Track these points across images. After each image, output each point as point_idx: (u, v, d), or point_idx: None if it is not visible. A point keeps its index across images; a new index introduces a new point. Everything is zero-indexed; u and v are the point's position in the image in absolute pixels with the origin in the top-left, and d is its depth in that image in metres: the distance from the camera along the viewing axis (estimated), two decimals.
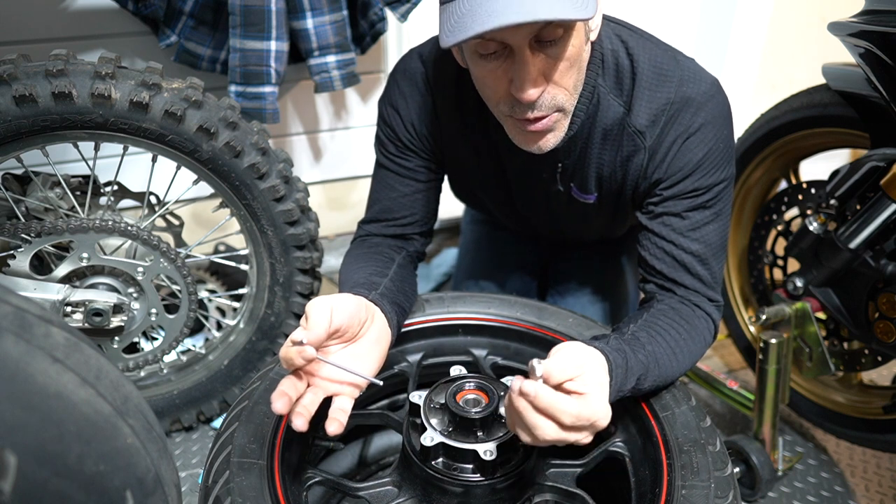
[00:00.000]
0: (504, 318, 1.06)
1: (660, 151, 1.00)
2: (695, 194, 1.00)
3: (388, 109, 1.11)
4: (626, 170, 1.05)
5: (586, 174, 1.09)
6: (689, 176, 1.00)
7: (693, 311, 1.00)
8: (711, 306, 1.02)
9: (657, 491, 0.79)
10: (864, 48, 1.07)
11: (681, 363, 0.93)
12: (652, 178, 1.02)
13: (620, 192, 1.09)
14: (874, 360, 1.21)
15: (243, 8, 1.41)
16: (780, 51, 2.31)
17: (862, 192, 1.15)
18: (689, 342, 0.96)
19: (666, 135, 0.99)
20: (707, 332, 1.00)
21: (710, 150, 0.99)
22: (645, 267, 1.05)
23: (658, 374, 0.89)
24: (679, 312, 0.98)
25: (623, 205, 1.12)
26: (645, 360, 0.87)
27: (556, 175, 1.11)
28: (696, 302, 1.01)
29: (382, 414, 0.94)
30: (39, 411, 0.48)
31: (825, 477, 1.35)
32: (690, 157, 0.99)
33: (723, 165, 1.01)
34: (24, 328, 0.49)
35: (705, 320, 1.00)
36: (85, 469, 0.50)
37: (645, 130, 1.00)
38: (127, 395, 0.57)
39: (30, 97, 1.05)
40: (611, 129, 1.02)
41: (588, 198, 1.12)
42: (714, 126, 0.99)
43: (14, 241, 1.18)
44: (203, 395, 1.37)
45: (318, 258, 1.35)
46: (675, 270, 1.02)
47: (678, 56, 1.00)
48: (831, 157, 1.38)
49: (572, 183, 1.12)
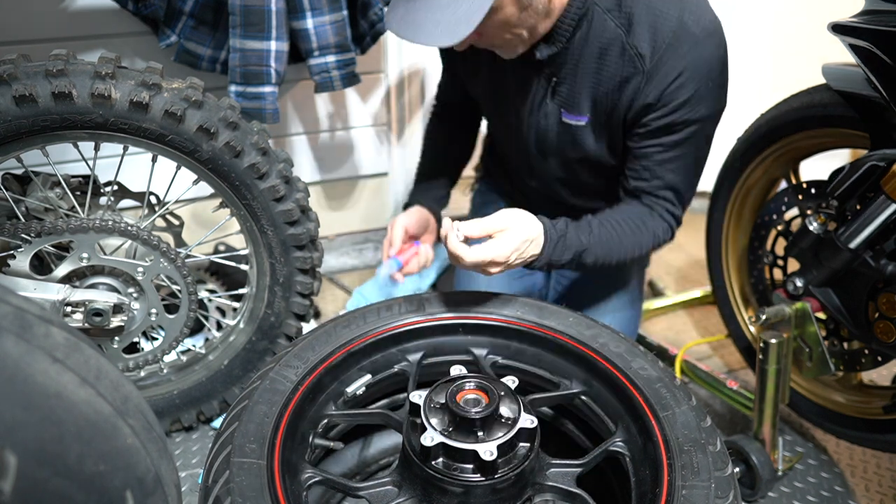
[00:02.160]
0: (504, 317, 1.06)
1: (656, 78, 1.07)
2: (682, 126, 1.09)
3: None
4: (622, 91, 1.11)
5: (579, 92, 1.16)
6: (680, 108, 1.08)
7: (650, 212, 1.19)
8: (671, 217, 1.20)
9: (657, 491, 0.78)
10: (864, 48, 1.07)
11: (626, 248, 1.15)
12: (645, 102, 1.09)
13: (612, 114, 1.16)
14: (874, 360, 1.21)
15: (243, 8, 1.41)
16: (781, 51, 2.31)
17: (862, 192, 1.15)
18: (636, 233, 1.16)
19: (664, 63, 1.06)
20: (660, 230, 1.19)
21: (702, 85, 1.06)
22: (623, 183, 1.22)
23: (601, 253, 1.12)
24: (636, 209, 1.19)
25: (612, 130, 1.19)
26: (587, 239, 1.10)
27: (548, 93, 1.19)
28: (657, 210, 1.18)
29: (382, 414, 0.94)
30: (39, 411, 0.48)
31: (825, 477, 1.35)
32: (685, 90, 1.06)
33: (714, 99, 1.10)
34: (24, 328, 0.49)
35: (661, 220, 1.19)
36: (85, 469, 0.50)
37: (646, 54, 1.07)
38: (127, 395, 0.57)
39: (30, 97, 1.05)
40: (608, 47, 1.10)
41: (580, 119, 1.19)
42: (710, 61, 1.06)
43: (14, 241, 1.18)
44: (203, 395, 1.37)
45: (318, 258, 1.35)
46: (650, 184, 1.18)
47: None
48: (831, 157, 1.38)
49: (563, 108, 1.20)
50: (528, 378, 1.04)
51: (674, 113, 1.09)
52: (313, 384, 0.92)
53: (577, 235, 1.11)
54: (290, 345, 1.00)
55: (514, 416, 0.83)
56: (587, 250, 1.12)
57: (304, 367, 0.94)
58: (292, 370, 0.93)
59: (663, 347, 1.61)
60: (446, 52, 1.42)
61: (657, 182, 1.17)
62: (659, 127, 1.11)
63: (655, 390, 0.90)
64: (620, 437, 0.90)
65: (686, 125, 1.10)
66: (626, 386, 0.92)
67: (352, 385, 0.99)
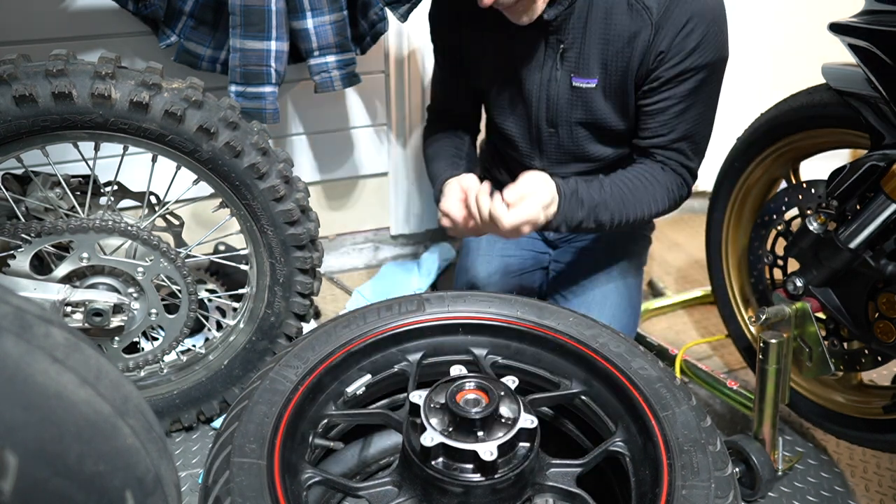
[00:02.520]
0: (504, 317, 1.06)
1: (665, 28, 1.13)
2: (693, 72, 1.15)
3: (429, 21, 1.43)
4: (633, 47, 1.16)
5: (588, 55, 1.21)
6: (691, 55, 1.14)
7: (662, 167, 1.23)
8: (685, 170, 1.24)
9: (657, 491, 0.78)
10: (863, 48, 1.07)
11: (641, 203, 1.20)
12: (657, 52, 1.15)
13: (624, 73, 1.20)
14: (874, 360, 1.21)
15: (243, 8, 1.41)
16: (780, 51, 2.31)
17: (862, 192, 1.15)
18: (649, 187, 1.21)
19: (672, 13, 1.12)
20: (674, 185, 1.22)
21: (709, 30, 1.13)
22: (637, 145, 1.26)
23: (615, 208, 1.17)
24: (647, 166, 1.23)
25: (623, 91, 1.22)
26: (599, 195, 1.16)
27: (558, 57, 1.23)
28: (672, 166, 1.22)
29: (382, 414, 0.94)
30: (39, 411, 0.48)
31: (825, 477, 1.35)
32: (693, 36, 1.13)
33: (721, 44, 1.17)
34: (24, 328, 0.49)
35: (674, 175, 1.22)
36: (85, 469, 0.50)
37: (652, 6, 1.12)
38: (127, 395, 0.57)
39: (30, 97, 1.05)
40: (613, 6, 1.15)
41: (590, 82, 1.23)
42: (714, 7, 1.14)
43: (14, 241, 1.18)
44: (203, 395, 1.37)
45: (318, 258, 1.35)
46: (661, 143, 1.22)
47: None
48: (831, 157, 1.38)
49: (573, 73, 1.24)
50: (528, 378, 1.04)
51: (685, 60, 1.14)
52: (313, 384, 0.92)
53: (589, 191, 1.17)
54: (290, 345, 1.00)
55: (514, 416, 0.83)
56: (600, 205, 1.17)
57: (304, 367, 0.94)
58: (292, 370, 0.93)
59: (663, 347, 1.61)
60: (449, 44, 1.40)
61: (671, 136, 1.22)
62: (671, 77, 1.17)
63: (655, 390, 0.90)
64: (620, 437, 0.90)
65: (697, 71, 1.16)
66: (626, 386, 0.92)
67: (352, 385, 0.99)
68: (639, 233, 1.58)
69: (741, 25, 2.23)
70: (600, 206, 1.18)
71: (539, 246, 1.59)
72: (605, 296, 1.45)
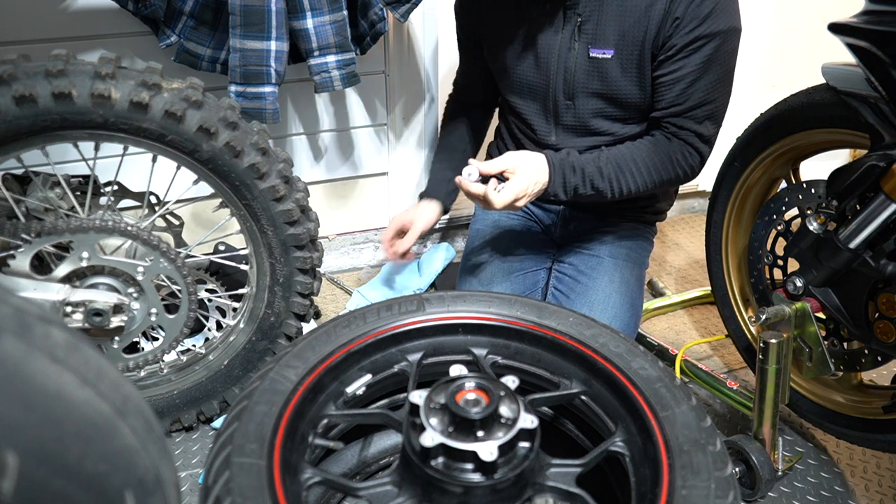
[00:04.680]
0: (504, 317, 1.06)
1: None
2: (707, 39, 1.21)
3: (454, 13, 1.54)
4: (649, 16, 1.23)
5: (605, 27, 1.27)
6: (705, 21, 1.20)
7: (668, 138, 1.28)
8: (695, 137, 1.28)
9: (657, 491, 0.78)
10: (864, 48, 1.07)
11: (641, 170, 1.26)
12: (673, 18, 1.21)
13: (641, 43, 1.26)
14: (874, 360, 1.21)
15: (243, 8, 1.41)
16: (780, 51, 2.31)
17: (862, 192, 1.15)
18: (652, 156, 1.27)
19: None
20: (679, 154, 1.27)
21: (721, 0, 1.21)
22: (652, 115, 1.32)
23: (613, 173, 1.24)
24: (653, 138, 1.30)
25: (640, 62, 1.28)
26: (594, 162, 1.24)
27: (576, 30, 1.29)
28: (682, 136, 1.27)
29: (382, 414, 0.94)
30: (39, 411, 0.48)
31: (825, 477, 1.35)
32: (706, 4, 1.20)
33: (733, 12, 1.24)
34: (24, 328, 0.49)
35: (681, 144, 1.27)
36: (85, 469, 0.50)
37: None
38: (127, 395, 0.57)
39: (30, 97, 1.05)
40: None
41: (606, 52, 1.28)
42: None
43: (14, 241, 1.18)
44: (203, 395, 1.37)
45: (318, 258, 1.35)
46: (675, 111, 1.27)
47: None
48: (831, 157, 1.38)
49: (590, 44, 1.30)
50: (528, 378, 1.04)
51: (699, 26, 1.20)
52: (313, 384, 0.92)
53: (581, 158, 1.26)
54: (290, 345, 1.00)
55: (514, 416, 0.83)
56: (594, 171, 1.26)
57: (304, 367, 0.94)
58: (292, 370, 0.93)
59: (663, 347, 1.61)
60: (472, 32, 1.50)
61: (685, 105, 1.27)
62: (685, 44, 1.22)
63: (655, 390, 0.90)
64: (620, 437, 0.90)
65: (710, 38, 1.22)
66: (626, 386, 0.92)
67: (352, 385, 0.99)
68: (642, 233, 1.58)
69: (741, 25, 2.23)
70: (594, 171, 1.26)
71: (542, 245, 1.59)
72: (608, 296, 1.45)
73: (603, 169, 1.27)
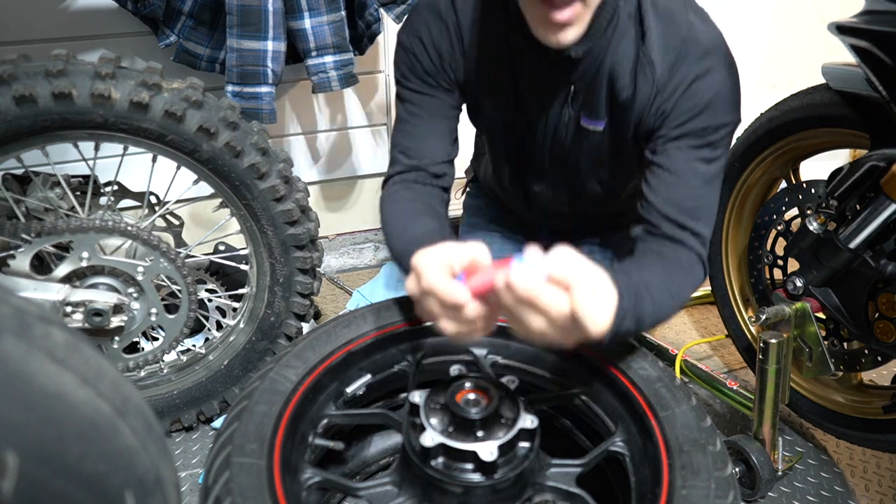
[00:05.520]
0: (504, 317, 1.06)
1: (668, 88, 1.04)
2: (701, 133, 1.04)
3: (411, 39, 1.12)
4: (636, 101, 1.08)
5: (598, 97, 1.12)
6: (698, 116, 1.03)
7: (677, 248, 1.04)
8: (696, 241, 1.05)
9: (657, 491, 0.78)
10: (864, 48, 1.07)
11: (672, 294, 0.96)
12: (658, 112, 1.05)
13: (629, 121, 1.11)
14: (874, 360, 1.21)
15: (240, 8, 1.41)
16: (780, 51, 2.31)
17: (862, 192, 1.15)
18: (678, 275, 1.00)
19: (675, 73, 1.03)
20: (696, 266, 1.04)
21: (717, 93, 1.03)
22: (642, 200, 1.08)
23: (652, 302, 0.90)
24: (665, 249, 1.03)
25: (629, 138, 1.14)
26: (636, 286, 0.89)
27: (568, 98, 1.13)
28: (683, 239, 1.04)
29: (382, 414, 0.94)
30: (40, 411, 0.48)
31: (825, 477, 1.35)
32: (698, 98, 1.03)
33: (729, 109, 1.05)
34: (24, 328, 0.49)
35: (689, 255, 1.04)
36: (85, 469, 0.50)
37: (655, 62, 1.04)
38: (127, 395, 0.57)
39: (30, 97, 1.05)
40: (624, 55, 1.06)
41: (597, 124, 1.14)
42: (721, 70, 1.03)
43: (14, 241, 1.18)
44: (203, 395, 1.37)
45: (318, 258, 1.35)
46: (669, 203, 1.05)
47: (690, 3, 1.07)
48: (831, 157, 1.38)
49: (583, 111, 1.14)
50: (528, 378, 1.04)
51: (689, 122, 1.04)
52: (313, 384, 0.92)
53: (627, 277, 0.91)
54: (290, 345, 1.00)
55: (514, 416, 0.83)
56: (647, 313, 0.91)
57: (304, 367, 0.93)
58: (292, 370, 0.93)
59: (663, 347, 1.61)
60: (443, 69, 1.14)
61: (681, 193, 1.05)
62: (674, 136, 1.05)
63: (655, 390, 0.90)
64: (620, 437, 0.90)
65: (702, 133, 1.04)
66: (626, 386, 0.92)
67: (352, 385, 0.99)
68: None
69: (741, 25, 2.23)
70: (643, 318, 0.90)
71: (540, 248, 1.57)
72: None
73: (645, 300, 0.91)
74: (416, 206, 1.10)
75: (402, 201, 1.11)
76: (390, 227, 1.07)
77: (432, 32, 1.12)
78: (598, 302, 0.73)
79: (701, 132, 1.04)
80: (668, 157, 1.06)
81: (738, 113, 1.07)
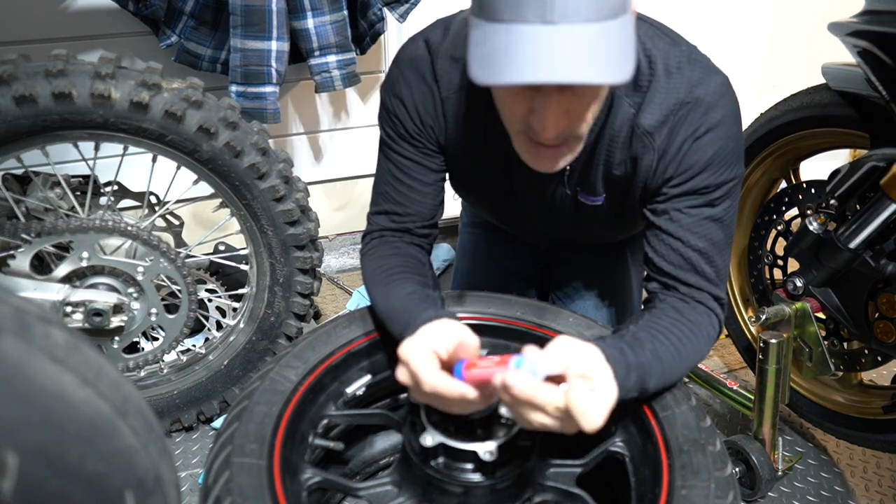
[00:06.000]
0: (504, 317, 1.06)
1: (669, 152, 1.00)
2: (704, 192, 1.00)
3: (392, 100, 1.06)
4: (636, 170, 1.03)
5: (594, 176, 1.07)
6: (699, 174, 0.99)
7: (695, 308, 1.00)
8: (715, 303, 1.02)
9: (657, 491, 0.79)
10: (864, 48, 1.07)
11: (685, 360, 0.93)
12: (662, 177, 1.01)
13: (629, 192, 1.07)
14: (874, 360, 1.21)
15: (244, 8, 1.41)
16: (780, 51, 2.31)
17: (862, 192, 1.15)
18: (692, 339, 0.96)
19: (676, 135, 0.99)
20: (711, 328, 1.00)
21: (719, 149, 0.99)
22: (649, 264, 1.05)
23: (662, 371, 0.89)
24: (681, 311, 0.99)
25: (630, 205, 1.10)
26: (646, 358, 0.87)
27: (564, 178, 1.09)
28: (700, 299, 1.01)
29: (382, 414, 0.94)
30: (40, 412, 0.48)
31: (825, 477, 1.35)
32: (700, 155, 0.99)
33: (732, 164, 1.01)
34: (24, 329, 0.49)
35: (708, 317, 1.00)
36: (85, 469, 0.50)
37: (654, 132, 0.99)
38: (127, 395, 0.57)
39: (30, 97, 1.05)
40: (619, 130, 1.01)
41: (596, 200, 1.11)
42: (724, 126, 0.99)
43: (14, 241, 1.18)
44: (203, 395, 1.37)
45: (318, 258, 1.35)
46: (680, 267, 1.02)
47: (692, 54, 1.00)
48: (831, 157, 1.38)
49: (580, 187, 1.10)
50: None
51: (691, 180, 1.00)
52: (313, 384, 0.92)
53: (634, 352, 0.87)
54: (290, 345, 1.00)
55: None
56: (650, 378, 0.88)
57: (304, 367, 0.93)
58: (292, 370, 0.93)
59: None
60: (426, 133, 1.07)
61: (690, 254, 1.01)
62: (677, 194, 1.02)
63: None
64: (620, 437, 0.90)
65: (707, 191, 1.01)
66: None
67: (352, 385, 0.99)
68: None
69: (741, 25, 2.23)
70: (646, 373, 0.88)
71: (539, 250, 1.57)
72: (602, 299, 1.45)
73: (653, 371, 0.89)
74: (397, 262, 1.07)
75: (384, 257, 1.09)
76: (372, 288, 1.04)
77: (415, 94, 1.05)
78: (595, 402, 0.75)
79: (705, 189, 1.00)
80: (674, 217, 1.02)
81: (741, 166, 1.03)
